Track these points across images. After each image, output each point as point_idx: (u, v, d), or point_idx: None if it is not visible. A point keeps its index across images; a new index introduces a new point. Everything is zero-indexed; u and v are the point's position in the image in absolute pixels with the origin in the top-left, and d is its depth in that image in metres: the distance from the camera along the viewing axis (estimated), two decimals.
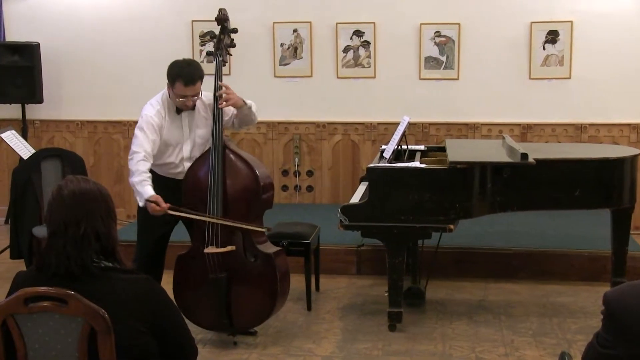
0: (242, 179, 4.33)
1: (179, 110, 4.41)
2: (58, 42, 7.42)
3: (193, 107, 4.42)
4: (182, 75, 4.27)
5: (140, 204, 4.23)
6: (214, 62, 4.49)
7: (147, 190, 4.18)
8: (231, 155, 4.35)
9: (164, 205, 4.15)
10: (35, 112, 7.49)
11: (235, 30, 4.56)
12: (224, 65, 4.53)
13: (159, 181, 4.48)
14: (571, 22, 6.82)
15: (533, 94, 6.95)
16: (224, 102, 4.35)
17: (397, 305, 4.61)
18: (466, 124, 7.06)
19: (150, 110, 4.36)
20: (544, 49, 6.88)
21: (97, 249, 2.36)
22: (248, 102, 4.50)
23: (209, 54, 4.61)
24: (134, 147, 4.30)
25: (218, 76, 4.42)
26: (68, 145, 7.39)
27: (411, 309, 5.01)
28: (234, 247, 4.29)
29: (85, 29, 7.41)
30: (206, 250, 4.26)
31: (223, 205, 4.27)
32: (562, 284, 5.54)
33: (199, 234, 4.35)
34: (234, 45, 4.60)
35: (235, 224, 4.24)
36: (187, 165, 4.45)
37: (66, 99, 7.56)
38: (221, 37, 4.53)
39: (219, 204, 4.26)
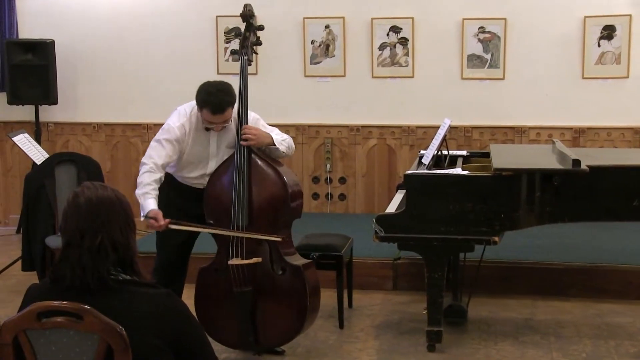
0: (269, 186, 4.35)
1: (208, 127, 4.42)
2: (74, 40, 7.52)
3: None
4: (210, 103, 4.23)
5: (141, 218, 4.27)
6: (239, 61, 4.51)
7: (148, 203, 4.21)
8: (257, 160, 4.37)
9: (163, 221, 4.17)
10: (49, 113, 7.59)
11: (261, 28, 4.58)
12: (250, 64, 4.55)
13: (181, 190, 4.53)
14: (629, 15, 6.76)
15: (586, 94, 6.89)
16: (248, 141, 4.33)
17: (437, 323, 4.59)
18: (512, 128, 7.01)
19: (175, 122, 4.36)
20: (598, 45, 6.82)
21: (114, 260, 2.38)
22: (278, 139, 4.44)
23: (233, 52, 4.64)
24: (144, 157, 4.35)
25: (243, 76, 4.43)
26: (84, 150, 7.48)
27: (452, 328, 4.98)
28: (260, 259, 4.30)
29: (103, 26, 7.49)
30: (230, 262, 4.28)
31: (248, 213, 4.29)
32: (618, 303, 5.47)
33: (223, 245, 4.37)
34: (260, 44, 4.62)
35: (247, 235, 4.26)
36: None
37: (82, 100, 7.65)
38: (246, 35, 4.55)
39: (244, 212, 4.27)
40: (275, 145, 4.42)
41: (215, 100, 4.22)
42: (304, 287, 4.28)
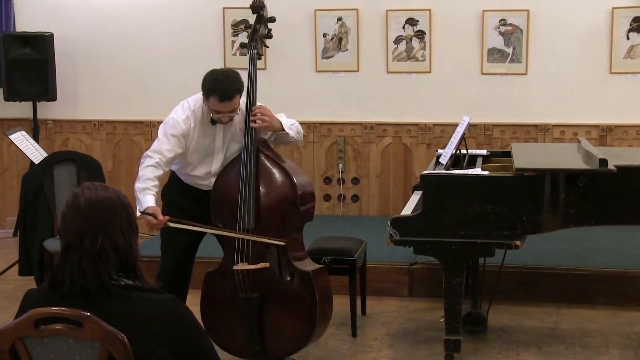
0: (277, 187, 4.35)
1: (214, 121, 4.43)
2: (74, 33, 7.55)
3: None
4: (217, 90, 4.25)
5: (138, 213, 4.26)
6: (248, 55, 4.52)
7: (147, 199, 4.24)
8: (265, 160, 4.38)
9: (162, 218, 4.18)
10: (47, 110, 7.62)
11: (272, 19, 4.59)
12: (259, 58, 4.56)
13: (186, 190, 4.56)
14: None
15: (614, 90, 6.87)
16: (258, 122, 4.33)
17: (455, 332, 4.58)
18: (535, 126, 7.00)
19: (181, 115, 4.39)
20: (627, 38, 6.80)
21: (116, 264, 2.40)
22: (287, 124, 4.48)
23: (242, 46, 4.64)
24: (149, 150, 4.38)
25: (252, 71, 4.45)
26: (84, 148, 7.50)
27: (471, 337, 4.98)
28: (267, 264, 4.31)
29: (104, 18, 7.52)
30: (236, 267, 4.28)
31: (255, 216, 4.29)
32: None
33: (229, 248, 4.38)
34: (270, 37, 4.63)
35: (250, 237, 4.26)
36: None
37: (82, 96, 7.68)
38: (256, 27, 4.55)
39: (251, 215, 4.28)
40: (284, 130, 4.44)
41: (222, 87, 4.25)
42: (313, 294, 4.27)
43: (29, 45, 7.28)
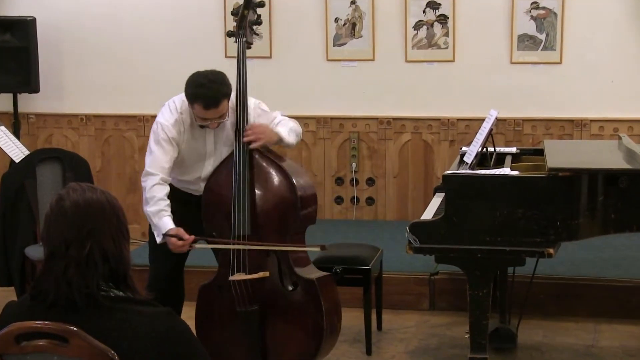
0: (274, 189, 4.36)
1: None
2: (59, 18, 7.56)
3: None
4: (201, 96, 4.25)
5: (158, 239, 4.33)
6: (236, 44, 4.52)
7: (165, 222, 4.29)
8: (260, 159, 4.39)
9: (188, 237, 4.24)
10: (29, 103, 7.64)
11: (262, 4, 4.60)
12: (249, 47, 4.57)
13: (175, 194, 4.55)
14: None
15: None
16: (253, 143, 4.35)
17: (481, 349, 4.58)
18: (571, 121, 6.99)
19: (169, 118, 4.40)
20: None
21: (105, 273, 2.40)
22: (284, 132, 4.48)
23: (230, 34, 4.64)
24: (148, 166, 4.39)
25: (242, 61, 4.45)
26: (70, 145, 7.52)
27: (499, 355, 4.98)
28: (267, 273, 4.32)
29: (93, 2, 7.53)
30: (232, 278, 4.29)
31: (251, 221, 4.30)
32: None
33: (224, 258, 4.39)
34: (260, 23, 4.65)
35: (284, 248, 4.29)
36: None
37: (68, 87, 7.70)
38: (244, 13, 4.55)
39: (247, 220, 4.29)
40: (284, 141, 4.47)
41: (207, 92, 4.25)
42: (319, 305, 4.28)
43: (9, 31, 7.27)
